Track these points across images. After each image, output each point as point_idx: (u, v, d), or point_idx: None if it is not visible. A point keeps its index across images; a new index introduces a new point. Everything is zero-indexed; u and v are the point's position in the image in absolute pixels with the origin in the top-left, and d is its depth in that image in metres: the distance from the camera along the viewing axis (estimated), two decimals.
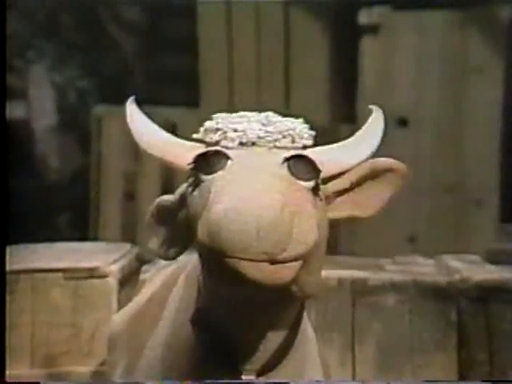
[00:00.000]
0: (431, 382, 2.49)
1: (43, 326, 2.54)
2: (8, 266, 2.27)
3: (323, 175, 1.28)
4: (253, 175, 1.20)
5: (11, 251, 2.43)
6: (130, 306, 1.82)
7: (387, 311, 2.55)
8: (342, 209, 1.35)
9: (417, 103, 4.41)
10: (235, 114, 1.37)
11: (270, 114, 1.35)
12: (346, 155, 1.36)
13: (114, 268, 2.59)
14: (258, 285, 1.14)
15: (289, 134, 1.32)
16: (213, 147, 1.30)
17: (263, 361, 1.32)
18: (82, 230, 4.71)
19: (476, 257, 2.91)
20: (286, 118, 1.36)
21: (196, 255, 1.38)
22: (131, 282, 2.70)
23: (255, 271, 1.13)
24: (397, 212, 4.15)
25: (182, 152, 1.35)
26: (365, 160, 1.35)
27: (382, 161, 1.36)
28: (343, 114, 4.56)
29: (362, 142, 1.39)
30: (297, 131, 1.33)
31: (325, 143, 1.41)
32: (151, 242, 1.38)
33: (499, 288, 2.52)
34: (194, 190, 1.27)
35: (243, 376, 1.32)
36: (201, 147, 1.33)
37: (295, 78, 4.67)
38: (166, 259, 1.41)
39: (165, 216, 1.37)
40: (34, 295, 2.54)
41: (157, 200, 1.38)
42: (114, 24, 5.25)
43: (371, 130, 1.41)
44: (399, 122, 4.37)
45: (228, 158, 1.26)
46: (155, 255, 1.40)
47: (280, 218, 1.13)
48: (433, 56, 4.39)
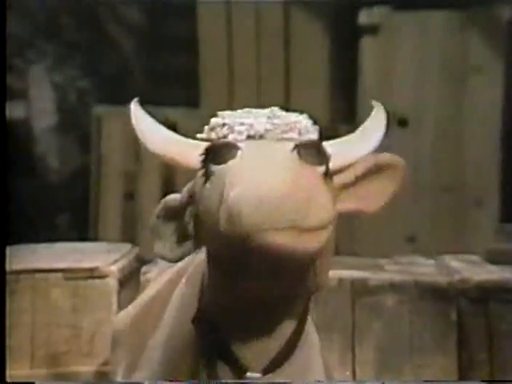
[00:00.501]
0: (431, 382, 2.49)
1: (43, 326, 2.54)
2: (8, 266, 2.28)
3: (332, 167, 1.29)
4: (265, 161, 1.21)
5: (11, 251, 2.43)
6: (134, 305, 1.83)
7: (387, 311, 2.55)
8: (348, 202, 1.36)
9: (417, 103, 4.41)
10: (240, 110, 1.37)
11: (275, 109, 1.36)
12: (351, 149, 1.37)
13: (114, 268, 2.59)
14: (288, 254, 1.14)
15: (295, 127, 1.32)
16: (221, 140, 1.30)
17: (268, 359, 1.32)
18: (82, 230, 4.71)
19: (476, 257, 2.91)
20: (291, 113, 1.36)
21: (200, 255, 1.37)
22: (131, 282, 2.70)
23: (284, 238, 1.13)
24: (397, 212, 4.15)
25: (189, 150, 1.35)
26: (369, 153, 1.37)
27: (386, 156, 1.37)
28: (343, 114, 4.56)
29: (366, 136, 1.40)
30: (303, 124, 1.33)
31: None
32: (157, 245, 1.36)
33: (499, 288, 2.52)
34: (206, 183, 1.26)
35: (248, 374, 1.31)
36: (206, 145, 1.33)
37: (295, 78, 4.67)
38: (173, 261, 1.39)
39: (171, 216, 1.36)
40: (35, 295, 2.54)
41: (163, 200, 1.36)
42: (114, 24, 5.25)
43: (374, 125, 1.43)
44: (399, 122, 4.37)
45: (238, 149, 1.26)
46: (161, 258, 1.38)
47: (296, 188, 1.14)
48: (433, 56, 4.39)
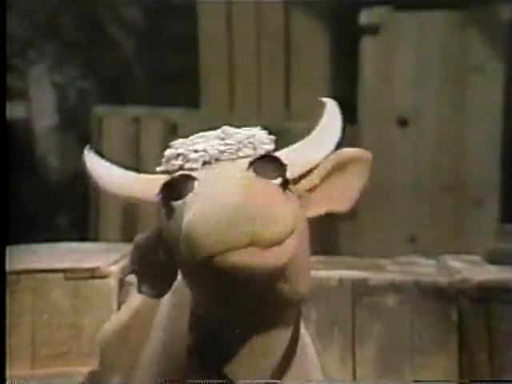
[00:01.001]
0: (432, 383, 2.49)
1: (44, 327, 2.54)
2: (9, 267, 2.27)
3: (292, 175, 1.28)
4: (219, 183, 1.20)
5: (12, 252, 2.42)
6: (120, 315, 1.79)
7: (388, 311, 2.55)
8: (319, 206, 1.35)
9: (417, 103, 4.41)
10: (192, 137, 1.36)
11: (227, 128, 1.35)
12: (311, 151, 1.36)
13: (115, 268, 2.59)
14: (251, 274, 1.12)
15: (249, 142, 1.31)
16: (177, 173, 1.30)
17: (264, 378, 1.30)
18: (83, 231, 4.71)
19: (476, 257, 2.91)
20: (243, 128, 1.35)
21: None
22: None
23: (244, 257, 1.11)
24: (397, 212, 4.16)
25: (149, 186, 1.35)
26: (329, 153, 1.36)
27: (346, 151, 1.37)
28: (343, 114, 4.55)
29: (324, 136, 1.39)
30: (257, 138, 1.33)
31: None
32: (141, 286, 1.35)
33: (500, 288, 2.52)
34: (169, 220, 1.26)
35: None
36: (166, 178, 1.32)
37: (295, 78, 4.67)
38: (154, 297, 1.38)
39: (145, 254, 1.36)
40: (35, 295, 2.54)
41: (134, 242, 1.37)
42: (115, 24, 5.24)
43: (330, 123, 1.43)
44: (399, 122, 4.37)
45: (194, 179, 1.25)
46: (148, 297, 1.38)
47: (250, 199, 1.13)
48: (433, 56, 4.38)
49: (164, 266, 1.33)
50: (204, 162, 1.29)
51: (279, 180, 1.24)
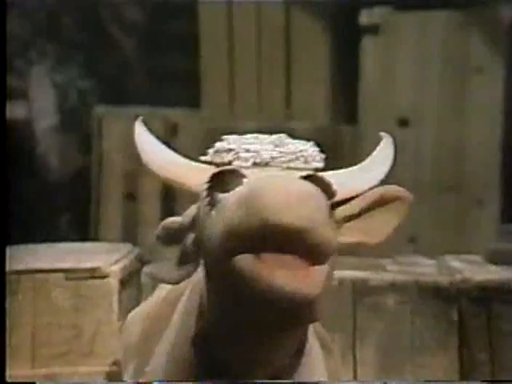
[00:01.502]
0: (432, 382, 2.49)
1: (44, 327, 2.54)
2: (9, 267, 2.28)
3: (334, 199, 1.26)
4: (273, 180, 1.17)
5: (12, 252, 2.43)
6: (145, 306, 1.80)
7: (388, 311, 2.55)
8: (350, 235, 1.34)
9: (418, 103, 4.41)
10: (247, 136, 1.35)
11: (283, 136, 1.33)
12: (357, 180, 1.35)
13: (115, 268, 2.59)
14: (288, 297, 1.11)
15: (302, 156, 1.30)
16: (228, 166, 1.28)
17: (272, 378, 1.30)
18: (83, 231, 4.72)
19: (477, 257, 2.91)
20: (298, 141, 1.34)
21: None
22: (132, 283, 2.70)
23: (289, 281, 1.10)
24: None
25: (192, 173, 1.34)
26: (375, 186, 1.35)
27: (392, 188, 1.36)
28: (344, 115, 4.56)
29: (372, 168, 1.38)
30: (309, 153, 1.32)
31: (325, 143, 1.40)
32: (155, 267, 1.34)
33: (500, 288, 2.52)
34: (211, 211, 1.23)
35: None
36: (211, 168, 1.31)
37: (296, 79, 4.67)
38: (171, 283, 1.37)
39: (171, 239, 1.33)
40: (35, 295, 2.54)
41: (163, 222, 1.34)
42: (115, 24, 5.25)
43: (381, 156, 1.41)
44: (400, 122, 4.37)
45: (244, 177, 1.23)
46: (159, 280, 1.37)
47: (313, 195, 1.12)
48: (434, 56, 4.38)
49: (186, 254, 1.32)
50: (254, 163, 1.27)
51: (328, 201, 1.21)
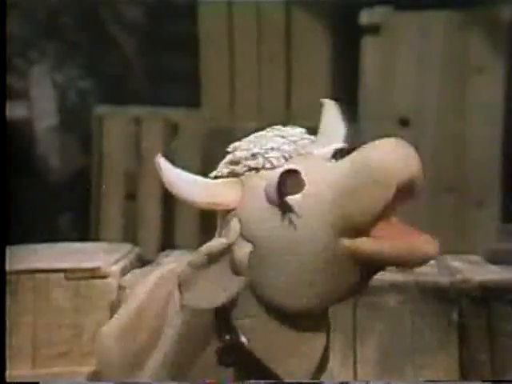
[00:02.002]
0: (432, 383, 2.49)
1: (44, 327, 2.54)
2: (9, 267, 2.28)
3: None
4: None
5: (12, 252, 2.43)
6: (118, 319, 1.67)
7: (388, 311, 2.55)
8: None
9: (418, 103, 4.41)
10: (251, 139, 1.33)
11: (276, 127, 1.34)
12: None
13: (116, 268, 2.59)
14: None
15: (304, 138, 1.34)
16: (280, 168, 1.25)
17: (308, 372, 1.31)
18: (83, 231, 4.71)
19: (477, 257, 2.91)
20: (282, 127, 1.35)
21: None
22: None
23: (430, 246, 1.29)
24: (398, 212, 4.15)
25: (226, 190, 1.28)
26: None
27: None
28: (344, 115, 4.55)
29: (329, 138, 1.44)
30: (304, 135, 1.36)
31: None
32: (189, 296, 1.24)
33: (501, 288, 2.52)
34: (286, 214, 1.20)
35: None
36: (237, 181, 1.28)
37: (296, 78, 4.67)
38: (212, 307, 1.28)
39: (212, 261, 1.25)
40: (35, 295, 2.54)
41: (204, 250, 1.24)
42: (116, 24, 5.25)
43: (333, 121, 1.50)
44: (400, 122, 4.37)
45: (298, 173, 1.22)
46: (197, 307, 1.27)
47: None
48: (434, 56, 4.38)
49: (236, 268, 1.25)
50: (285, 159, 1.27)
51: None
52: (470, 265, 2.76)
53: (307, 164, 1.25)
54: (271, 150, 1.28)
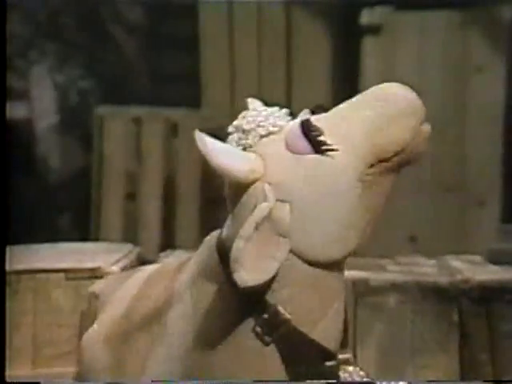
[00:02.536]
0: (433, 383, 2.49)
1: (44, 327, 2.54)
2: (10, 267, 2.28)
3: None
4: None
5: (13, 252, 2.43)
6: (101, 325, 1.60)
7: (389, 311, 2.55)
8: None
9: None
10: (242, 115, 1.35)
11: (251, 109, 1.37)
12: None
13: (116, 268, 2.59)
14: None
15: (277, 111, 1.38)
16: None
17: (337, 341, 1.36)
18: (84, 231, 4.71)
19: (478, 257, 2.91)
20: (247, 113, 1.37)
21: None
22: None
23: None
24: (398, 212, 4.15)
25: (259, 161, 1.28)
26: None
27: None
28: None
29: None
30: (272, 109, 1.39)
31: None
32: (248, 274, 1.20)
33: (501, 288, 2.52)
34: (316, 169, 1.25)
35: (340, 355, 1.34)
36: (252, 153, 1.29)
37: (297, 79, 4.67)
38: (269, 277, 1.25)
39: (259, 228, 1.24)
40: (36, 296, 2.54)
41: (252, 219, 1.22)
42: (116, 24, 5.25)
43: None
44: None
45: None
46: (257, 282, 1.22)
47: None
48: (434, 56, 4.38)
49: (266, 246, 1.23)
50: (288, 118, 1.37)
51: None
52: (471, 265, 2.76)
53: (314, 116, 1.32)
54: (269, 117, 1.32)
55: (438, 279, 2.59)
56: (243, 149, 1.30)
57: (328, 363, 1.32)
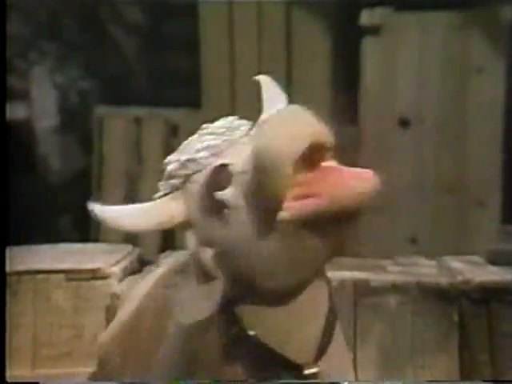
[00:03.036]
0: (433, 383, 2.49)
1: (45, 327, 2.54)
2: (10, 268, 2.28)
3: None
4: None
5: (13, 252, 2.43)
6: (117, 323, 1.65)
7: (389, 312, 2.55)
8: None
9: (419, 104, 4.41)
10: (180, 147, 1.34)
11: (204, 126, 1.39)
12: None
13: (116, 269, 2.59)
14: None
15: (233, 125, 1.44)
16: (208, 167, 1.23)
17: (311, 349, 1.25)
18: (84, 231, 4.71)
19: (478, 258, 2.91)
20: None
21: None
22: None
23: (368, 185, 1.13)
24: (398, 213, 4.15)
25: (170, 208, 1.30)
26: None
27: None
28: (345, 115, 4.56)
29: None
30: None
31: None
32: (183, 315, 1.24)
33: (501, 289, 2.52)
34: (219, 218, 1.18)
35: (305, 371, 1.24)
36: (178, 194, 1.29)
37: (297, 79, 4.66)
38: (205, 316, 1.25)
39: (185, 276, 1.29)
40: (36, 296, 2.54)
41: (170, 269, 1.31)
42: (116, 25, 5.25)
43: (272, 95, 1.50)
44: (401, 123, 4.37)
45: (227, 165, 1.21)
46: (194, 320, 1.24)
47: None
48: (434, 56, 4.38)
49: (206, 274, 1.22)
50: (214, 155, 1.26)
51: None
52: (471, 265, 2.75)
53: (238, 151, 1.22)
54: (199, 152, 1.27)
55: (439, 280, 2.59)
56: (172, 187, 1.29)
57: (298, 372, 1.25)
